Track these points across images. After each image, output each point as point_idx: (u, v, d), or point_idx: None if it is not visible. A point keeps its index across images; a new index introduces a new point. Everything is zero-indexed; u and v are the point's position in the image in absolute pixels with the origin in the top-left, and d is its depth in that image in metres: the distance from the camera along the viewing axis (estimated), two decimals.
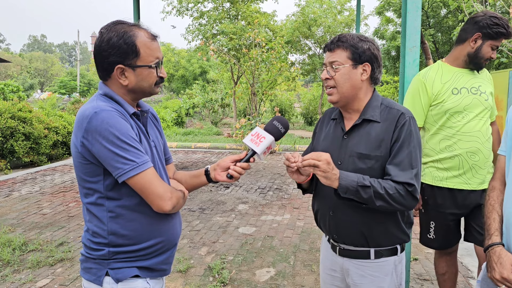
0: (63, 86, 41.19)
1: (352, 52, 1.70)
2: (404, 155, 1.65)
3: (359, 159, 1.71)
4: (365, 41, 1.73)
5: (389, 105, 1.76)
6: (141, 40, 1.49)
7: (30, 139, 9.13)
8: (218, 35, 15.13)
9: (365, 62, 1.71)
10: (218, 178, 1.71)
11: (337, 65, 1.71)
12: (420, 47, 3.07)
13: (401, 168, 1.64)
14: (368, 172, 1.68)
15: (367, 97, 1.78)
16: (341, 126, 1.82)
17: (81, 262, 1.58)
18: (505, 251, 1.52)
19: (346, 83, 1.72)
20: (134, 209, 1.51)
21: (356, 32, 7.72)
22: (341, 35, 1.76)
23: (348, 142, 1.77)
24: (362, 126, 1.75)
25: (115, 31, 1.47)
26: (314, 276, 3.75)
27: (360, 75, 1.72)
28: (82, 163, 1.46)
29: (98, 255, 1.51)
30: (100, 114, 1.40)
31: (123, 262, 1.52)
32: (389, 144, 1.68)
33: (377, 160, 1.68)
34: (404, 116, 1.69)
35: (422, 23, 14.09)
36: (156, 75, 1.54)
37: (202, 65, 32.59)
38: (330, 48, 1.75)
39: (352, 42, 1.71)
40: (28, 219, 5.39)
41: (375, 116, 1.73)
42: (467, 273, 3.85)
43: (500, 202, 1.63)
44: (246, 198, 6.55)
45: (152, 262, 1.56)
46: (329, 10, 17.43)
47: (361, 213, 1.71)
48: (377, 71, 1.76)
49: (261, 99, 14.90)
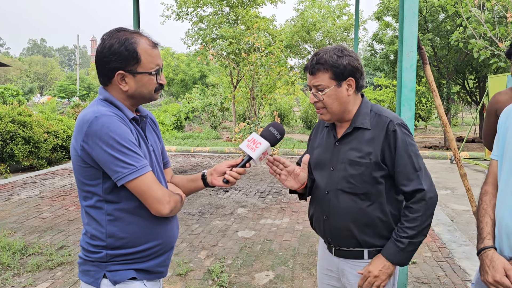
0: (63, 90, 41.23)
1: (334, 72, 1.72)
2: (405, 161, 1.72)
3: (350, 166, 1.77)
4: (343, 56, 1.73)
5: (378, 112, 1.81)
6: (142, 47, 1.52)
7: (30, 143, 9.15)
8: (218, 39, 15.20)
9: (348, 77, 1.74)
10: (214, 183, 1.73)
11: (322, 88, 1.74)
12: (417, 52, 3.11)
13: (407, 176, 1.72)
14: (359, 177, 1.75)
15: (356, 106, 1.83)
16: (333, 134, 1.88)
17: (79, 264, 1.60)
18: (497, 254, 1.54)
19: (335, 102, 1.76)
20: (132, 212, 1.53)
21: (354, 39, 7.75)
22: (318, 55, 1.75)
23: (340, 149, 1.82)
24: (353, 133, 1.81)
25: (116, 38, 1.50)
26: (313, 280, 3.77)
27: (346, 91, 1.75)
28: (82, 167, 1.49)
29: (96, 258, 1.54)
30: (100, 118, 1.42)
31: (120, 264, 1.54)
32: (378, 151, 1.74)
33: (367, 166, 1.74)
34: (393, 123, 1.74)
35: (421, 27, 14.14)
36: (156, 81, 1.57)
37: (201, 69, 32.66)
38: (311, 72, 1.76)
39: (331, 61, 1.71)
40: (27, 223, 5.41)
41: (365, 124, 1.78)
42: (465, 277, 3.87)
43: (492, 206, 1.66)
44: (246, 202, 6.57)
45: (149, 264, 1.59)
46: (328, 14, 17.49)
47: (354, 218, 1.78)
48: (361, 79, 1.78)
49: (260, 103, 14.95)
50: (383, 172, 1.74)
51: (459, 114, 27.19)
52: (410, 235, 1.70)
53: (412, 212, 1.71)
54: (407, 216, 1.72)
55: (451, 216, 6.04)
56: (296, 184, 1.83)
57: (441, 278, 3.84)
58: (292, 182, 1.83)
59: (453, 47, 13.38)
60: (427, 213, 1.71)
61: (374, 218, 1.76)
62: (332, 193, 1.81)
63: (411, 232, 1.70)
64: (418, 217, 1.70)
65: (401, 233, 1.72)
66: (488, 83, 11.19)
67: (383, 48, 16.22)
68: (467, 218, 5.96)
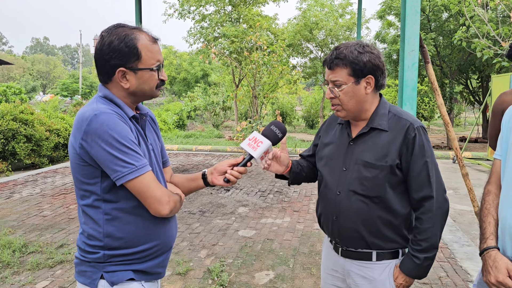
0: (65, 89, 41.28)
1: (353, 69, 1.65)
2: (420, 167, 1.67)
3: (365, 168, 1.72)
4: (364, 52, 1.66)
5: (397, 114, 1.74)
6: (142, 43, 1.49)
7: (32, 141, 9.16)
8: (220, 38, 15.18)
9: (368, 75, 1.68)
10: (215, 182, 1.71)
11: (339, 84, 1.68)
12: (419, 51, 3.08)
13: (419, 182, 1.69)
14: (373, 180, 1.70)
15: (373, 106, 1.77)
16: (348, 132, 1.82)
17: (76, 265, 1.57)
18: (500, 255, 1.52)
19: (351, 100, 1.70)
20: (131, 212, 1.50)
21: (357, 38, 7.71)
22: (338, 49, 1.69)
23: (354, 149, 1.77)
24: (369, 134, 1.75)
25: (116, 34, 1.48)
26: (313, 279, 3.75)
27: (364, 89, 1.69)
28: (80, 165, 1.46)
29: (93, 258, 1.51)
30: (100, 116, 1.40)
31: (118, 265, 1.51)
32: (396, 154, 1.68)
33: (382, 169, 1.69)
34: (413, 127, 1.68)
35: (423, 26, 14.09)
36: (158, 78, 1.54)
37: (204, 68, 32.67)
38: (329, 66, 1.70)
39: (351, 57, 1.65)
40: (28, 221, 5.41)
41: (383, 125, 1.72)
42: (466, 277, 3.84)
43: (495, 206, 1.63)
44: (247, 201, 6.55)
45: (147, 265, 1.56)
46: (330, 13, 17.46)
47: (365, 220, 1.73)
48: (381, 78, 1.72)
49: (262, 102, 14.93)
50: (398, 176, 1.70)
51: (462, 114, 27.12)
52: (424, 247, 1.68)
53: (422, 223, 1.69)
54: (418, 228, 1.70)
55: (453, 216, 6.01)
56: (281, 167, 1.81)
57: (443, 278, 3.82)
58: (276, 166, 1.80)
59: (456, 46, 13.33)
60: (437, 224, 1.69)
61: (385, 222, 1.73)
62: (344, 194, 1.76)
63: (425, 244, 1.68)
64: (428, 228, 1.68)
65: (415, 246, 1.70)
66: (491, 83, 11.14)
67: (386, 48, 16.18)
68: (469, 218, 5.93)
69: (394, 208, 1.72)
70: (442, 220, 1.71)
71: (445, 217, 1.72)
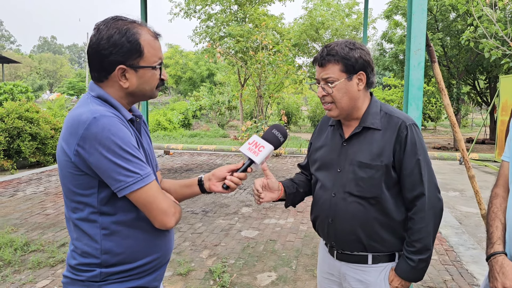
0: (72, 87, 41.50)
1: (345, 64, 1.64)
2: (412, 165, 1.64)
3: (360, 168, 1.68)
4: (355, 49, 1.66)
5: (389, 112, 1.72)
6: (145, 39, 1.37)
7: (37, 139, 9.18)
8: (225, 37, 15.17)
9: (359, 71, 1.66)
10: (213, 189, 1.59)
11: (332, 80, 1.66)
12: (425, 50, 3.02)
13: (412, 181, 1.65)
14: (369, 181, 1.67)
15: (365, 104, 1.74)
16: (340, 133, 1.79)
17: (65, 284, 1.40)
18: (507, 260, 1.46)
19: (344, 97, 1.67)
20: (130, 225, 1.38)
21: (363, 38, 7.67)
22: (329, 47, 1.68)
23: (348, 150, 1.74)
24: (362, 133, 1.72)
25: (116, 28, 1.34)
26: (315, 281, 3.70)
27: (356, 86, 1.68)
28: (74, 174, 1.31)
29: (88, 277, 1.36)
30: (100, 120, 1.26)
31: (115, 283, 1.38)
32: (391, 153, 1.66)
33: (378, 169, 1.66)
34: (405, 124, 1.66)
35: (431, 26, 13.97)
36: (159, 77, 1.43)
37: (209, 67, 32.72)
38: (320, 64, 1.68)
39: (343, 53, 1.64)
40: (31, 219, 5.40)
41: (375, 124, 1.70)
42: (472, 281, 3.77)
43: (503, 209, 1.58)
44: (250, 201, 6.51)
45: (145, 280, 1.44)
46: (336, 13, 17.40)
47: (361, 222, 1.70)
48: (371, 75, 1.71)
49: (267, 102, 14.89)
50: (394, 176, 1.67)
51: (469, 115, 26.91)
52: (418, 248, 1.64)
53: (415, 223, 1.65)
54: (411, 228, 1.66)
55: (459, 218, 5.93)
56: (274, 194, 1.78)
57: (448, 282, 3.75)
58: (269, 194, 1.78)
59: (463, 46, 13.21)
60: (430, 224, 1.64)
61: (382, 223, 1.69)
62: (339, 195, 1.73)
63: (418, 245, 1.64)
64: (421, 228, 1.64)
65: (409, 247, 1.67)
66: (499, 84, 11.02)
67: (392, 48, 16.10)
68: (475, 220, 5.85)
69: (390, 210, 1.69)
70: (436, 219, 1.66)
71: (438, 216, 1.67)
